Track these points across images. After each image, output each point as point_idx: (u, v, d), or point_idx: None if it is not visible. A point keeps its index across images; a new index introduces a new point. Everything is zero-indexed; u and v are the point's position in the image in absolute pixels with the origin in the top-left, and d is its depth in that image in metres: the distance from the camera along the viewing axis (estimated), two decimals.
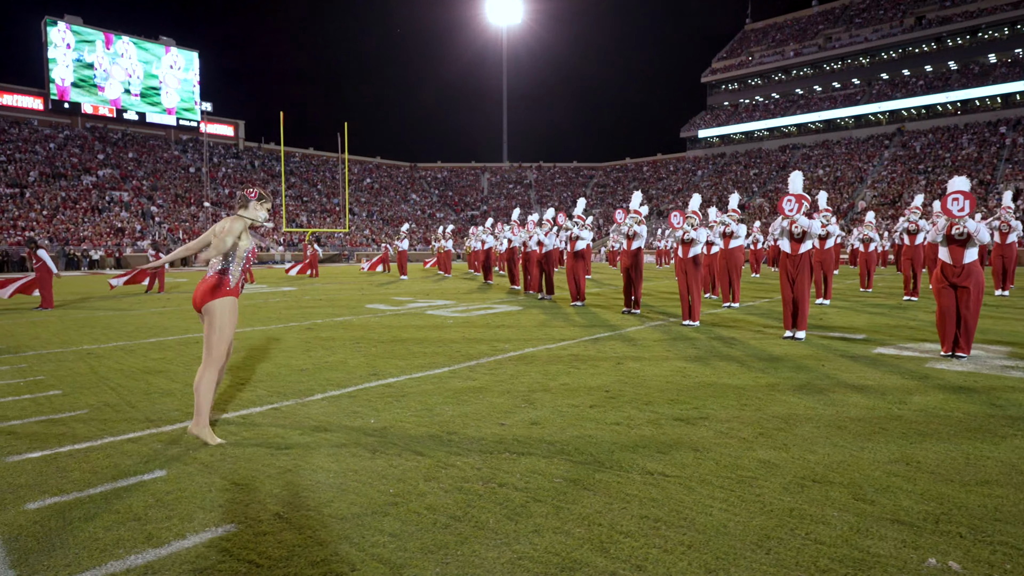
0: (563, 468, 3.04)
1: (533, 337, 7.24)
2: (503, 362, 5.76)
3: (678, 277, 8.16)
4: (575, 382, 4.91)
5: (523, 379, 5.04)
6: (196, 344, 6.99)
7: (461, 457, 3.22)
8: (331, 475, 2.99)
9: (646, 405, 4.20)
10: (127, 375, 5.34)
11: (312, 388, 4.80)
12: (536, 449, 3.33)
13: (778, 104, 69.97)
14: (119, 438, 3.60)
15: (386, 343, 6.92)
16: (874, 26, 66.27)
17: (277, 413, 4.12)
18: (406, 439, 3.52)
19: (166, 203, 44.37)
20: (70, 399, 4.52)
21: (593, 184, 74.52)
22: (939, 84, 60.12)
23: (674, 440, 3.45)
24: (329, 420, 3.92)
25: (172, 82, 54.45)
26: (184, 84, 55.38)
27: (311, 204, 54.51)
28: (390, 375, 5.24)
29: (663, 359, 5.83)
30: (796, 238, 6.75)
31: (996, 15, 58.49)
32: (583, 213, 10.68)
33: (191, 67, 55.97)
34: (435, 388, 4.76)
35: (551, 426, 3.74)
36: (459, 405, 4.26)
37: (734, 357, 5.89)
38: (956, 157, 51.82)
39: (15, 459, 3.27)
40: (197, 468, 3.10)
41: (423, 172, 74.90)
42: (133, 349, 6.71)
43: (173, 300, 12.82)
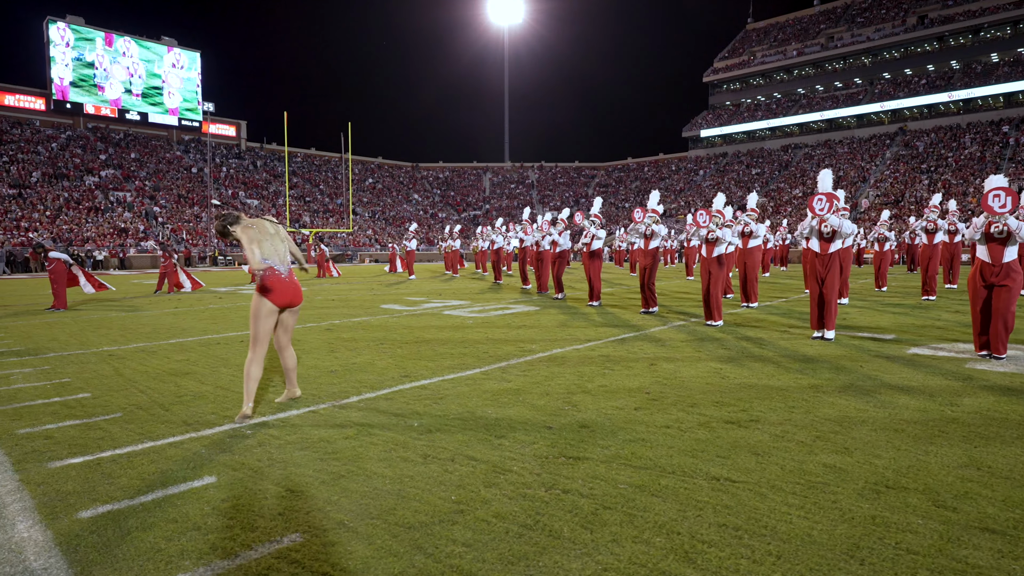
0: (625, 474, 2.96)
1: (557, 338, 7.16)
2: (534, 363, 5.68)
3: (702, 277, 8.07)
4: (613, 384, 4.83)
5: (559, 381, 4.95)
6: (217, 345, 6.91)
7: (516, 462, 3.14)
8: (387, 481, 2.90)
9: (691, 407, 4.12)
10: (154, 377, 5.26)
11: (346, 390, 4.72)
12: (591, 453, 3.25)
13: (780, 104, 69.92)
14: (160, 443, 3.51)
15: (410, 344, 6.84)
16: (876, 25, 66.22)
17: (316, 416, 4.03)
18: (455, 443, 3.44)
19: (169, 203, 44.27)
20: (101, 402, 4.43)
21: (595, 184, 74.47)
22: (941, 83, 60.07)
23: (730, 444, 3.36)
24: (371, 423, 3.83)
25: (175, 82, 54.38)
26: (186, 84, 55.30)
27: (313, 204, 54.43)
28: (422, 377, 5.16)
29: (696, 360, 5.74)
30: (826, 237, 6.67)
31: (998, 14, 58.45)
32: (599, 212, 10.60)
33: (193, 67, 55.89)
34: (471, 390, 4.68)
35: (600, 430, 3.65)
36: (500, 408, 4.17)
37: (767, 358, 5.81)
38: (959, 157, 51.79)
39: (58, 465, 3.18)
40: (247, 474, 3.01)
41: (425, 172, 74.83)
42: (154, 351, 6.62)
43: (185, 300, 12.73)
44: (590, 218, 10.46)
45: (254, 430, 3.73)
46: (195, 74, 56.00)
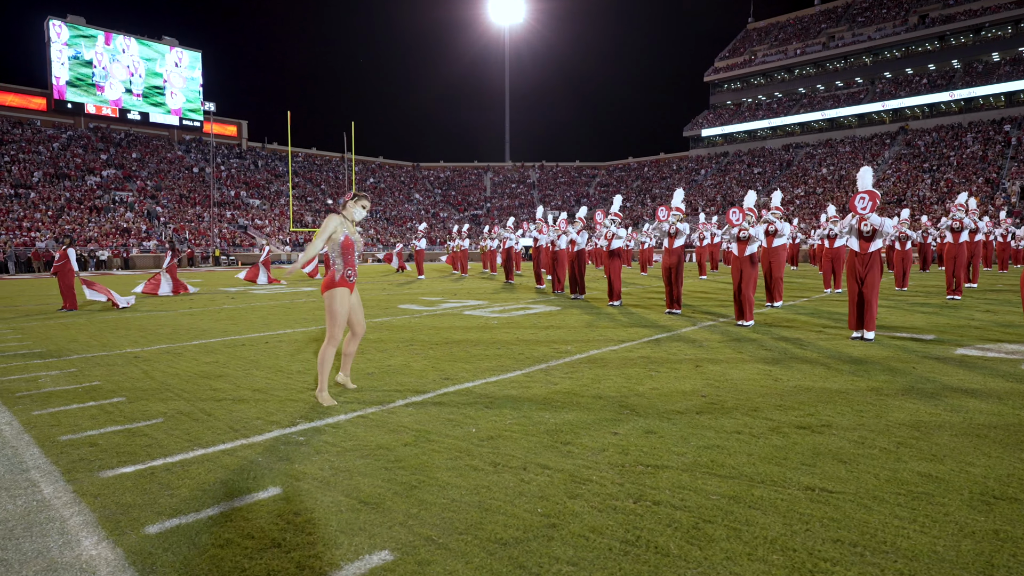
0: (712, 483, 2.81)
1: (589, 338, 7.01)
2: (575, 365, 5.53)
3: (733, 276, 7.93)
4: (664, 386, 4.68)
5: (606, 383, 4.81)
6: (242, 347, 6.75)
7: (593, 471, 2.99)
8: (463, 492, 2.75)
9: (754, 411, 3.97)
10: (186, 380, 5.10)
11: (390, 394, 4.57)
12: (668, 461, 3.10)
13: (781, 103, 69.84)
14: (211, 450, 3.35)
15: (440, 345, 6.68)
16: (877, 25, 66.17)
17: (366, 421, 3.88)
18: (521, 450, 3.29)
19: (170, 203, 44.04)
20: (139, 407, 4.27)
21: (596, 183, 74.36)
22: (943, 83, 60.02)
23: (810, 451, 3.22)
24: (427, 429, 3.68)
25: (177, 82, 54.13)
26: (188, 84, 55.07)
27: (315, 204, 54.22)
28: (463, 379, 5.01)
29: (740, 362, 5.60)
30: (865, 236, 6.53)
31: (1000, 14, 58.41)
32: (619, 210, 10.45)
33: (195, 67, 55.66)
34: (519, 393, 4.53)
35: (668, 435, 3.51)
36: (555, 412, 4.02)
37: (813, 359, 5.67)
38: (961, 156, 51.74)
39: (110, 474, 3.02)
40: (313, 484, 2.86)
41: (426, 172, 74.65)
42: (179, 352, 6.46)
43: (199, 300, 12.55)
44: (611, 216, 10.31)
45: (307, 436, 3.57)
46: (196, 74, 55.78)
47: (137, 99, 51.77)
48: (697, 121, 73.91)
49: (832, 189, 53.31)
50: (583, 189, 73.06)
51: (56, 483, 2.93)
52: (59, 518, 2.56)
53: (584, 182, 75.10)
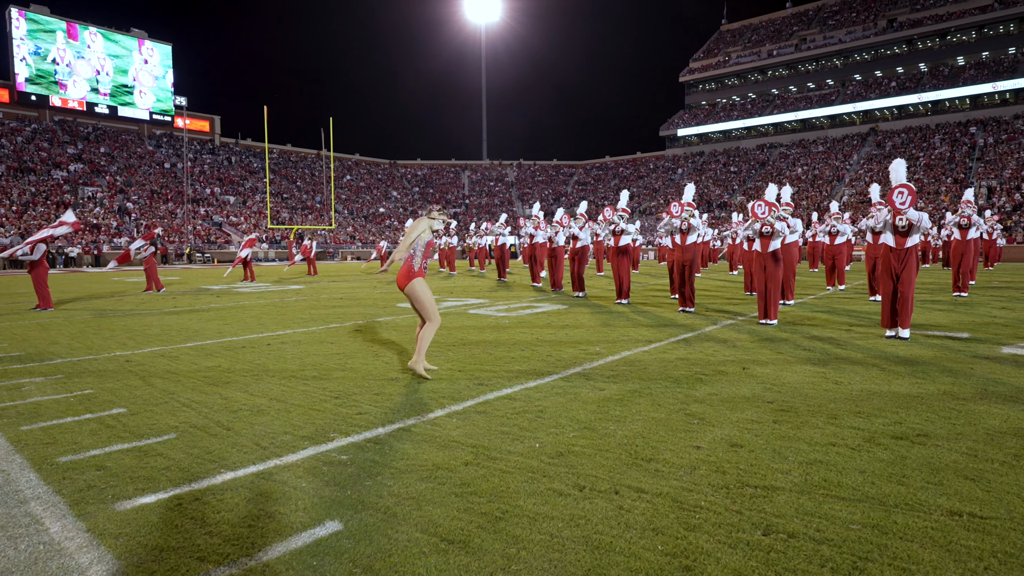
0: (840, 508, 2.45)
1: (613, 339, 6.65)
2: (613, 368, 5.15)
3: (756, 274, 7.65)
4: (723, 392, 4.34)
5: (656, 388, 4.44)
6: (243, 349, 6.21)
7: (695, 494, 2.61)
8: (560, 525, 2.34)
9: (833, 419, 3.64)
10: (191, 387, 4.58)
11: (424, 401, 4.13)
12: (774, 480, 2.74)
13: (755, 104, 70.65)
14: (241, 473, 2.88)
15: (458, 347, 6.25)
16: (847, 28, 67.34)
17: (410, 435, 3.44)
18: (602, 469, 2.89)
19: (141, 199, 42.49)
20: (144, 420, 3.76)
21: (573, 182, 74.31)
22: (911, 85, 61.35)
23: (926, 465, 2.89)
24: (483, 444, 3.26)
25: (146, 80, 52.23)
26: (158, 79, 53.21)
27: (291, 201, 52.99)
28: (499, 385, 4.59)
29: (785, 363, 5.29)
30: (901, 231, 6.30)
31: (964, 19, 59.91)
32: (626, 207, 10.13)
33: (165, 61, 53.84)
34: (568, 401, 4.13)
35: (758, 449, 3.15)
36: (618, 423, 3.64)
37: (859, 360, 5.39)
38: (930, 157, 52.93)
39: (128, 506, 2.54)
40: (379, 517, 2.42)
41: (403, 169, 73.70)
42: (175, 356, 5.91)
43: (183, 299, 11.86)
44: (619, 212, 9.98)
45: (349, 455, 3.12)
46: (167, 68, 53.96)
47: (104, 98, 49.70)
48: (673, 121, 74.35)
49: (807, 188, 54.07)
50: (561, 188, 72.93)
51: (64, 519, 2.44)
52: (76, 568, 2.08)
53: (562, 181, 74.99)
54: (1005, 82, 55.23)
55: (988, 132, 53.47)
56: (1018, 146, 49.29)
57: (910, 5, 64.55)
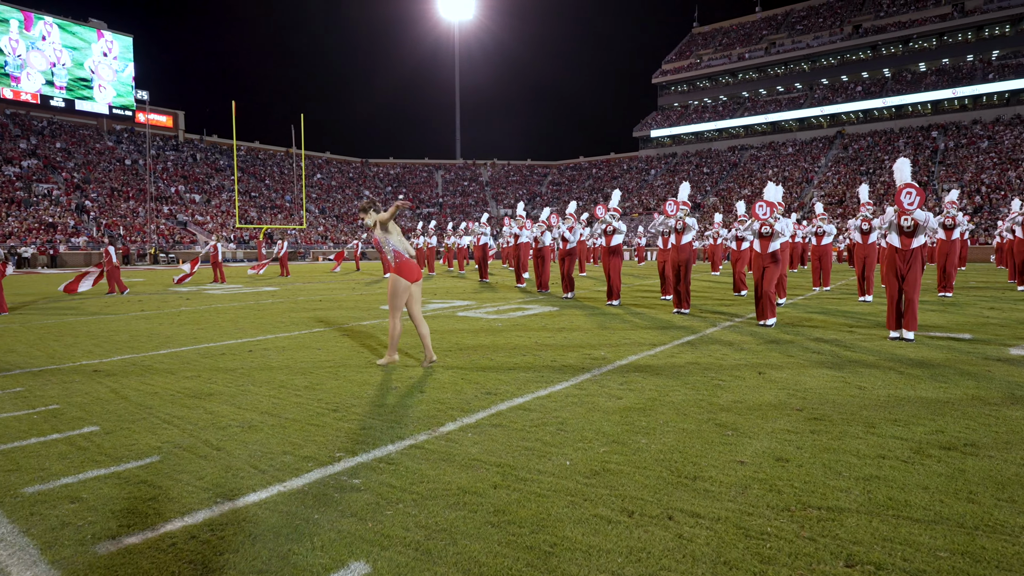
0: (919, 532, 2.23)
1: (613, 342, 6.41)
2: (624, 374, 4.90)
3: (754, 274, 7.51)
4: (744, 398, 4.12)
5: (676, 396, 4.20)
6: (223, 356, 5.79)
7: (754, 517, 2.36)
8: (620, 560, 2.06)
9: (872, 428, 3.45)
10: (170, 400, 4.17)
11: (432, 414, 3.81)
12: (838, 500, 2.51)
13: (726, 106, 71.65)
14: (241, 502, 2.53)
15: (454, 352, 5.93)
16: (815, 33, 68.73)
17: (424, 453, 3.12)
18: (646, 490, 2.63)
19: (101, 197, 40.89)
20: (121, 440, 3.36)
21: (548, 182, 74.32)
22: (875, 90, 62.90)
23: (990, 480, 2.70)
24: (507, 463, 2.97)
25: (106, 73, 50.30)
26: (119, 72, 51.34)
27: (259, 200, 51.72)
28: (509, 394, 4.30)
29: (799, 367, 5.11)
30: (907, 232, 6.20)
31: (925, 26, 61.61)
32: (618, 206, 9.93)
33: (126, 53, 51.98)
34: (587, 411, 3.86)
35: (807, 463, 2.92)
36: (648, 435, 3.38)
37: (873, 363, 5.25)
38: (894, 160, 54.25)
39: (112, 547, 2.17)
40: (411, 556, 2.10)
41: (375, 168, 72.72)
42: (148, 364, 5.46)
43: (150, 302, 11.23)
44: (610, 212, 9.77)
45: (361, 478, 2.80)
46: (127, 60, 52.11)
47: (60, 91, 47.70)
48: (646, 122, 74.94)
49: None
50: (535, 188, 72.87)
51: (36, 567, 2.07)
52: None
53: (536, 180, 74.94)
54: (964, 88, 57.02)
55: (949, 136, 55.13)
56: (977, 150, 50.92)
57: (875, 12, 66.21)
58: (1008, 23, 58.05)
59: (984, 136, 52.78)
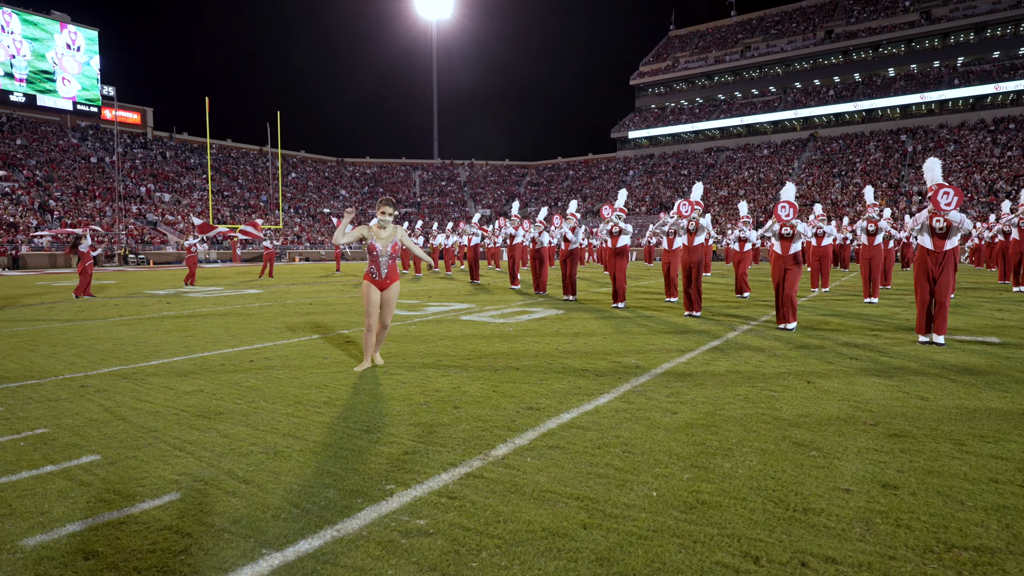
0: None
1: (638, 348, 6.10)
2: (667, 383, 4.58)
3: (774, 276, 7.28)
4: (810, 411, 3.83)
5: (733, 409, 3.89)
6: (222, 368, 5.31)
7: (900, 563, 2.04)
8: None
9: (960, 446, 3.18)
10: (175, 421, 3.71)
11: (479, 435, 3.43)
12: (983, 539, 2.21)
13: (703, 108, 72.36)
14: (292, 554, 2.13)
15: (473, 360, 5.55)
16: (788, 37, 69.80)
17: (486, 484, 2.74)
18: (756, 527, 2.29)
19: (65, 196, 39.30)
20: (129, 471, 2.90)
21: (526, 182, 74.12)
22: (847, 94, 64.11)
23: None
24: (583, 493, 2.61)
25: (70, 66, 48.36)
26: (84, 66, 49.46)
27: (232, 199, 50.38)
28: (552, 409, 3.94)
29: (844, 375, 4.86)
30: (939, 233, 6.02)
31: (894, 32, 63.05)
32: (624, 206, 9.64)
33: (91, 47, 50.13)
34: (645, 428, 3.52)
35: (920, 491, 2.62)
36: (726, 457, 3.05)
37: (919, 370, 5.02)
38: (866, 162, 55.42)
39: None
40: None
41: (352, 168, 71.62)
42: (140, 378, 4.95)
43: (129, 307, 10.57)
44: (616, 212, 9.48)
45: (425, 517, 2.40)
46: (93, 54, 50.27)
47: (20, 84, 45.75)
48: (624, 123, 75.27)
49: (753, 192, 55.57)
50: (513, 188, 72.58)
51: None
52: None
53: (514, 181, 74.67)
54: (932, 93, 58.46)
55: (917, 140, 56.44)
56: (944, 154, 52.18)
57: (846, 18, 67.52)
58: (972, 31, 59.72)
59: (951, 140, 54.16)
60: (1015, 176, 43.77)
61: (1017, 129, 51.74)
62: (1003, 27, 58.10)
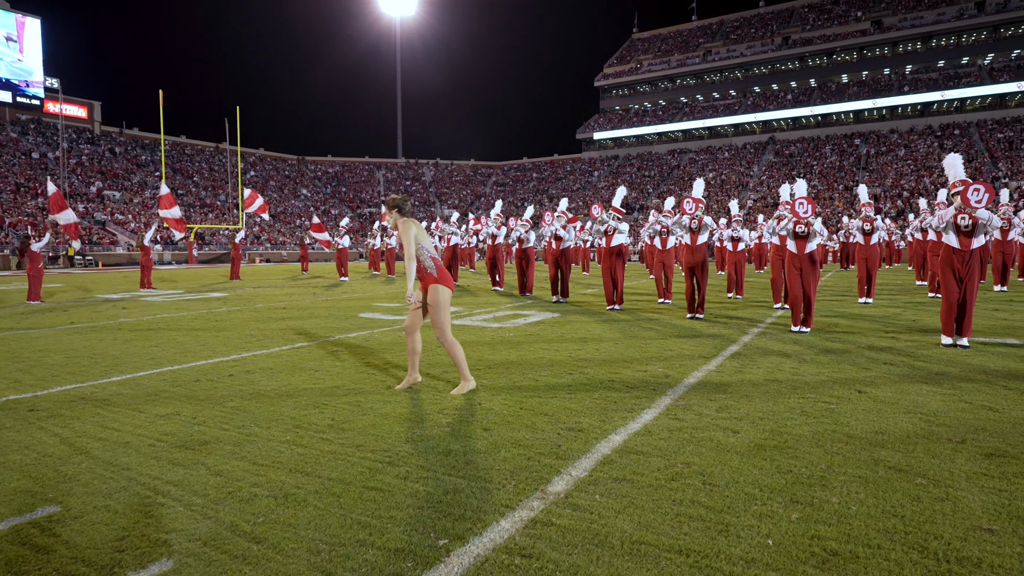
0: None
1: (657, 355, 5.67)
2: (705, 395, 4.14)
3: (788, 276, 6.97)
4: (883, 427, 3.44)
5: (797, 427, 3.47)
6: (198, 384, 4.64)
7: None
8: None
9: None
10: (153, 455, 3.07)
11: (525, 465, 2.90)
12: None
13: (666, 110, 73.22)
14: None
15: (484, 371, 5.01)
16: (748, 43, 71.27)
17: (558, 533, 2.23)
18: None
19: (4, 193, 36.85)
20: (101, 530, 2.27)
21: (492, 182, 73.66)
22: (803, 99, 65.80)
23: None
24: (684, 544, 2.12)
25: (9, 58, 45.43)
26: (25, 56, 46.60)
27: (187, 198, 48.28)
28: (597, 430, 3.45)
29: (890, 382, 4.51)
30: (965, 232, 5.78)
31: (847, 40, 64.98)
32: (620, 205, 9.23)
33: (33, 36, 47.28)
34: (713, 451, 3.07)
35: None
36: (826, 488, 2.61)
37: (964, 376, 4.72)
38: (822, 165, 56.91)
39: None
40: None
41: (313, 166, 69.78)
42: (102, 397, 4.25)
43: (80, 313, 9.61)
44: (610, 211, 9.07)
45: None
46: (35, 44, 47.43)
47: None
48: (589, 124, 75.57)
49: (716, 193, 56.35)
50: (479, 188, 72.02)
51: None
52: None
53: (480, 181, 74.12)
54: (883, 99, 60.45)
55: (870, 144, 58.26)
56: (895, 157, 54.00)
57: (802, 25, 69.32)
58: (920, 40, 62.01)
59: (901, 144, 56.07)
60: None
61: (961, 135, 53.92)
62: (947, 38, 60.52)
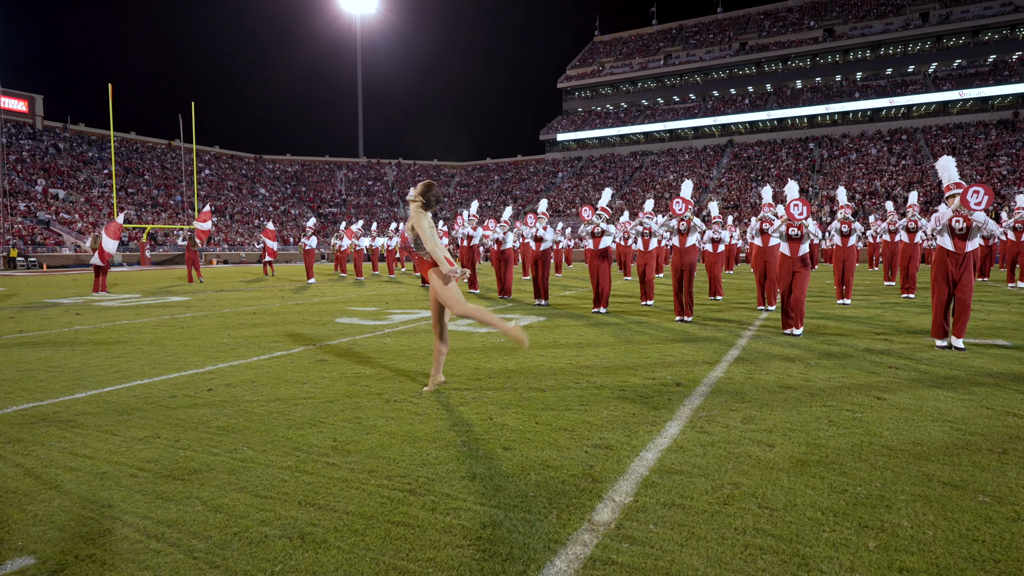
0: None
1: (659, 361, 5.50)
2: (723, 404, 3.96)
3: (781, 279, 6.91)
4: (914, 436, 3.32)
5: (831, 439, 3.32)
6: (174, 400, 4.22)
7: None
8: None
9: None
10: (135, 488, 2.69)
11: (559, 489, 2.65)
12: None
13: (628, 113, 74.06)
14: None
15: (484, 380, 4.74)
16: (707, 47, 72.73)
17: (618, 572, 1.99)
18: None
19: None
20: None
21: (456, 183, 73.15)
22: (760, 103, 67.52)
23: None
24: None
25: None
26: None
27: (138, 196, 46.25)
28: (626, 447, 3.22)
29: (904, 388, 4.44)
30: (959, 235, 5.80)
31: (801, 47, 66.98)
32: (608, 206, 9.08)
33: None
34: (757, 469, 2.88)
35: None
36: (891, 511, 2.44)
37: (972, 380, 4.69)
38: (779, 168, 58.46)
39: None
40: None
41: (271, 165, 67.90)
42: (67, 419, 3.80)
43: (30, 319, 8.87)
44: (598, 212, 8.91)
45: None
46: None
47: None
48: (552, 125, 75.82)
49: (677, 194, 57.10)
50: (443, 188, 71.37)
51: None
52: None
53: (443, 181, 73.49)
54: (835, 105, 62.49)
55: (824, 148, 60.15)
56: (848, 161, 55.88)
57: (758, 31, 71.12)
58: (869, 48, 64.39)
59: (853, 148, 58.06)
60: (909, 183, 47.35)
61: (908, 140, 56.18)
62: (895, 47, 63.05)
